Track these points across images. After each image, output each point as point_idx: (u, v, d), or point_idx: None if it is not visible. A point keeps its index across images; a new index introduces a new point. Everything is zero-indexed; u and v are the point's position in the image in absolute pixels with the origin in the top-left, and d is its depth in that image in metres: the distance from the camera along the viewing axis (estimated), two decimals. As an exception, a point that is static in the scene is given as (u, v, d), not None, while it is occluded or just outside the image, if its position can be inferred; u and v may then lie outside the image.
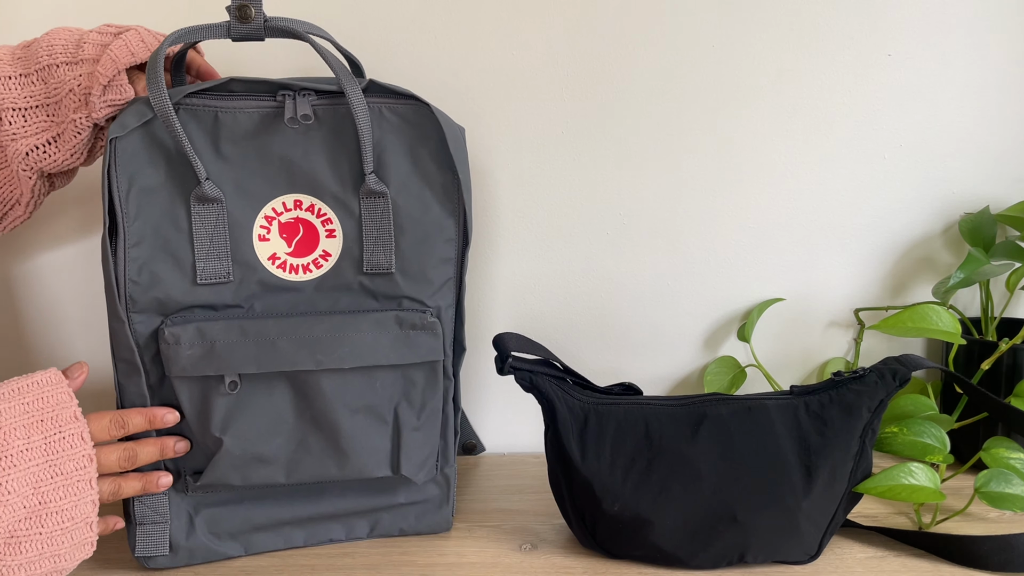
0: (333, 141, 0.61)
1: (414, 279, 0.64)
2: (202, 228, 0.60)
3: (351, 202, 0.62)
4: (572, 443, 0.64)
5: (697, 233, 0.87)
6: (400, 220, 0.63)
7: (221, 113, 0.60)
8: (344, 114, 0.61)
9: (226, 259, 0.61)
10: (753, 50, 0.84)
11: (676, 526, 0.62)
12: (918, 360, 0.64)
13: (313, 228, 0.63)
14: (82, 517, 0.56)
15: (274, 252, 0.63)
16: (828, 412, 0.63)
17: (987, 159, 0.87)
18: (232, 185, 0.61)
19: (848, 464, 0.63)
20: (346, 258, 0.63)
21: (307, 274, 0.63)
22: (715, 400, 0.64)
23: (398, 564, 0.66)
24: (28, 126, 0.61)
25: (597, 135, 0.85)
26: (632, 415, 0.64)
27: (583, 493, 0.64)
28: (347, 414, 0.63)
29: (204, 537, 0.65)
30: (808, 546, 0.64)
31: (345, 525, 0.68)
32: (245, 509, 0.66)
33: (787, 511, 0.61)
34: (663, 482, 0.63)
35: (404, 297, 0.64)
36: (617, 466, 0.63)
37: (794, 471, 0.62)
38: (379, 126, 0.61)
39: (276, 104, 0.60)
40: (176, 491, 0.64)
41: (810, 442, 0.62)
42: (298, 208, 0.62)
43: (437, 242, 0.64)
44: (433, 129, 0.62)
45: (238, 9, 0.59)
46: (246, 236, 0.62)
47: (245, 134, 0.60)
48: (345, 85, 0.59)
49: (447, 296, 0.65)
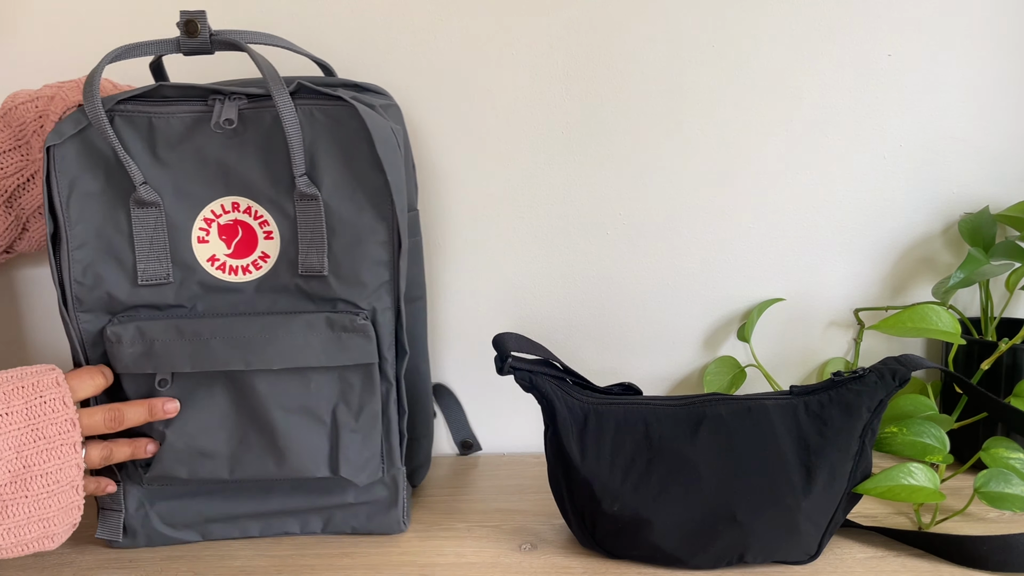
0: (267, 144, 0.62)
1: (347, 281, 0.64)
2: (141, 231, 0.62)
3: (286, 204, 0.63)
4: (572, 443, 0.64)
5: (697, 233, 0.88)
6: (332, 222, 0.63)
7: (155, 119, 0.61)
8: (277, 117, 0.61)
9: (165, 261, 0.63)
10: (753, 50, 0.84)
11: (676, 526, 0.62)
12: (918, 360, 0.64)
13: (251, 230, 0.64)
14: (68, 480, 0.57)
15: (213, 254, 0.64)
16: (828, 412, 0.63)
17: (987, 159, 0.87)
18: (171, 188, 0.62)
19: (848, 464, 0.63)
20: (283, 260, 0.64)
21: (246, 275, 0.64)
22: (715, 400, 0.64)
23: (397, 564, 0.66)
24: (5, 168, 0.68)
25: (597, 135, 0.85)
26: (632, 415, 0.64)
27: (583, 493, 0.64)
28: (282, 414, 0.64)
29: (159, 526, 0.68)
30: (808, 546, 0.64)
31: (299, 520, 0.70)
32: (198, 503, 0.68)
33: (787, 511, 0.61)
34: (663, 482, 0.63)
35: (338, 299, 0.64)
36: (617, 466, 0.63)
37: (794, 471, 0.62)
38: (311, 128, 0.62)
39: (207, 108, 0.62)
40: (132, 482, 0.67)
41: (810, 442, 0.62)
42: (236, 210, 0.63)
43: (370, 244, 0.63)
44: (366, 131, 0.62)
45: (185, 24, 0.61)
46: (185, 238, 0.63)
47: (180, 138, 0.62)
48: (272, 89, 0.60)
49: (383, 299, 0.65)
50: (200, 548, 0.69)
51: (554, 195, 0.86)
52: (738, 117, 0.85)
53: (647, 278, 0.88)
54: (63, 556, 0.68)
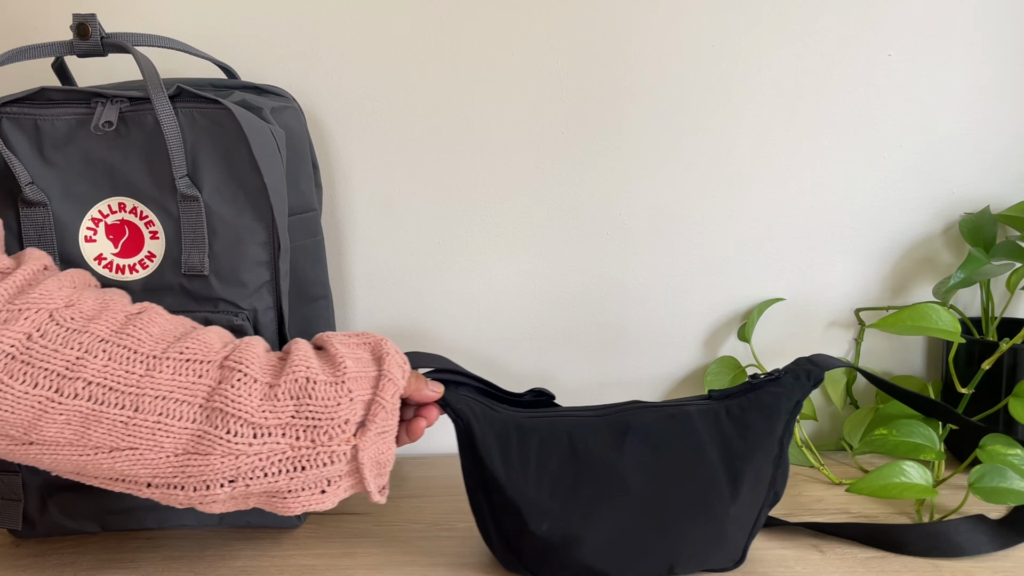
0: (150, 146, 0.63)
1: (227, 281, 0.64)
2: (30, 229, 0.63)
3: (170, 205, 0.64)
4: (496, 462, 0.60)
5: (697, 233, 0.88)
6: (213, 223, 0.63)
7: (40, 121, 0.63)
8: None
9: (53, 259, 0.63)
10: (753, 50, 0.84)
11: (606, 542, 0.60)
12: (831, 360, 0.64)
13: (138, 230, 0.65)
14: None
15: (100, 253, 0.65)
16: (748, 415, 0.61)
17: (987, 159, 0.87)
18: (59, 189, 0.63)
19: (769, 467, 0.61)
20: (168, 259, 0.65)
21: (134, 274, 0.65)
22: (637, 408, 0.63)
23: (399, 564, 0.66)
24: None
25: (597, 135, 0.85)
26: (556, 428, 0.61)
27: (508, 514, 0.61)
28: None
29: (57, 517, 0.68)
30: (733, 552, 0.62)
31: (195, 514, 0.69)
32: (95, 496, 0.67)
33: (715, 519, 0.60)
34: (591, 497, 0.60)
35: (220, 299, 0.65)
36: (543, 483, 0.60)
37: (720, 477, 0.60)
38: (192, 131, 0.63)
39: (91, 111, 0.63)
40: (30, 472, 0.67)
41: (734, 447, 0.61)
42: (123, 211, 0.64)
43: (250, 245, 0.64)
44: (244, 133, 0.62)
45: (78, 27, 0.63)
46: (72, 237, 0.64)
47: (66, 140, 0.63)
48: (150, 92, 0.61)
49: (264, 299, 0.66)
50: (200, 548, 0.69)
51: (554, 195, 0.86)
52: (738, 117, 0.85)
53: (647, 278, 0.88)
54: (63, 556, 0.68)
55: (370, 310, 0.88)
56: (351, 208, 0.86)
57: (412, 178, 0.86)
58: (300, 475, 0.53)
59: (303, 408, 0.53)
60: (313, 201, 0.75)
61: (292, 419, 0.53)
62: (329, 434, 0.53)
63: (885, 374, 0.92)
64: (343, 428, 0.54)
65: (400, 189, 0.86)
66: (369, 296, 0.88)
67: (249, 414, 0.52)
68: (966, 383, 0.80)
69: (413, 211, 0.86)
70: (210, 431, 0.51)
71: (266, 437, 0.52)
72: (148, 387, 0.51)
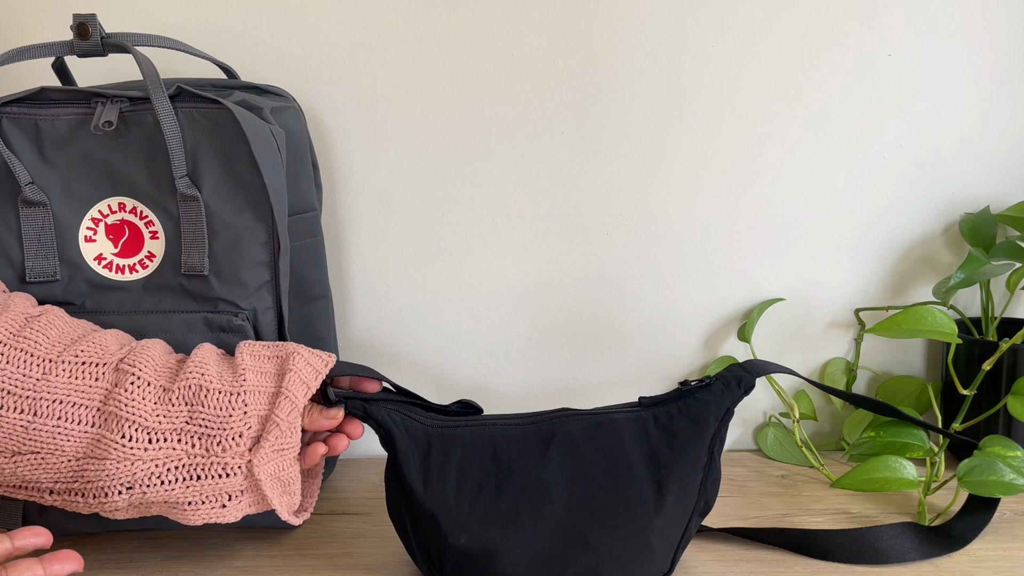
0: (150, 145, 0.63)
1: (227, 282, 0.64)
2: (29, 229, 0.64)
3: (170, 205, 0.64)
4: (414, 473, 0.59)
5: (697, 233, 0.88)
6: (213, 223, 0.64)
7: (40, 121, 0.63)
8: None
9: (53, 259, 0.64)
10: (753, 50, 0.84)
11: (527, 555, 0.58)
12: (763, 365, 0.64)
13: (137, 230, 0.65)
14: None
15: (100, 252, 0.65)
16: (677, 423, 0.60)
17: (987, 159, 0.87)
18: (59, 188, 0.64)
19: (698, 476, 0.60)
20: (168, 259, 0.65)
21: (133, 274, 0.65)
22: (564, 416, 0.61)
23: (399, 564, 0.66)
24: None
25: (597, 135, 0.85)
26: (479, 437, 0.60)
27: (427, 526, 0.59)
28: None
29: (57, 517, 0.67)
30: (661, 564, 0.60)
31: None
32: None
33: (639, 530, 0.58)
34: (513, 508, 0.58)
35: (219, 299, 0.65)
36: (464, 495, 0.58)
37: (645, 487, 0.59)
38: (192, 130, 0.63)
39: (91, 111, 0.63)
40: None
41: (660, 456, 0.60)
42: (123, 210, 0.65)
43: (250, 245, 0.64)
44: (244, 133, 0.62)
45: (78, 27, 0.63)
46: (72, 237, 0.64)
47: (66, 140, 0.63)
48: (150, 91, 0.62)
49: (264, 299, 0.66)
50: (200, 548, 0.69)
51: (554, 195, 0.86)
52: (738, 117, 0.85)
53: (647, 278, 0.88)
54: (64, 556, 0.68)
55: (370, 310, 0.88)
56: (351, 208, 0.86)
57: (412, 178, 0.86)
58: (196, 484, 0.53)
59: (196, 415, 0.53)
60: (313, 201, 0.76)
61: (186, 424, 0.53)
62: (222, 445, 0.53)
63: (885, 374, 0.92)
64: (236, 441, 0.53)
65: (400, 189, 0.86)
66: (369, 296, 0.88)
67: (143, 418, 0.51)
68: (966, 383, 0.80)
69: (413, 211, 0.86)
70: (106, 435, 0.51)
71: (161, 442, 0.52)
72: (44, 391, 0.51)
